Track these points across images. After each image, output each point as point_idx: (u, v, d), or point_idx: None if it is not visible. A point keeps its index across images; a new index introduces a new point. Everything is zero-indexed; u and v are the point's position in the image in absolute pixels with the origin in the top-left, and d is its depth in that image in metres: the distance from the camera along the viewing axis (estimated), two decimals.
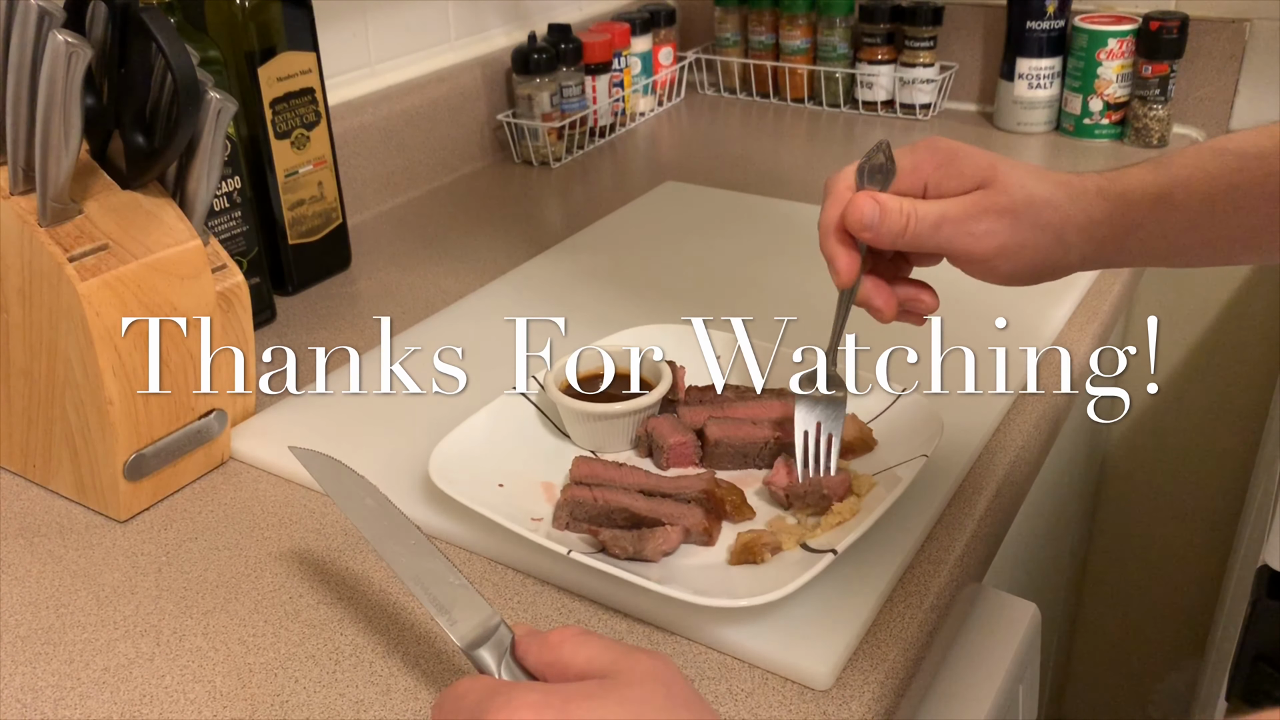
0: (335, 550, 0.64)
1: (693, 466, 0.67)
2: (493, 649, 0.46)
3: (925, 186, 0.57)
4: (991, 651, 0.72)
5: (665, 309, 0.86)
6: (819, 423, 0.62)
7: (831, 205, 0.57)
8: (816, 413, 0.63)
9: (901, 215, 0.55)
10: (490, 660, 0.46)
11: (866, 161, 0.57)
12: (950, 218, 0.56)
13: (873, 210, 0.55)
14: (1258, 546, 0.91)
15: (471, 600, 0.48)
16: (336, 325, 0.91)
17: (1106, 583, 1.57)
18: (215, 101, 0.64)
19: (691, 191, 1.15)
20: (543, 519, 0.62)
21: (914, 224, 0.56)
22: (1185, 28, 1.20)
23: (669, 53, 1.44)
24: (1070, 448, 1.15)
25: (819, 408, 0.63)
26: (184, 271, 0.66)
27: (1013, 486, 0.69)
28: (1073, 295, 0.88)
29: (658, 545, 0.58)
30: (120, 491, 0.65)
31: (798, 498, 0.61)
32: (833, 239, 0.57)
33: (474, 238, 1.07)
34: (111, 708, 0.53)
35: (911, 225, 0.55)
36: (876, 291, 0.59)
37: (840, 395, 0.63)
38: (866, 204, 0.56)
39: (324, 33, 0.96)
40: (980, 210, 0.56)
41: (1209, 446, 1.42)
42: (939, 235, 0.56)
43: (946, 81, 1.37)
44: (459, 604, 0.48)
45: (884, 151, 0.57)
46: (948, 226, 0.56)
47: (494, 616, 0.47)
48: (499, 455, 0.66)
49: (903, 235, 0.56)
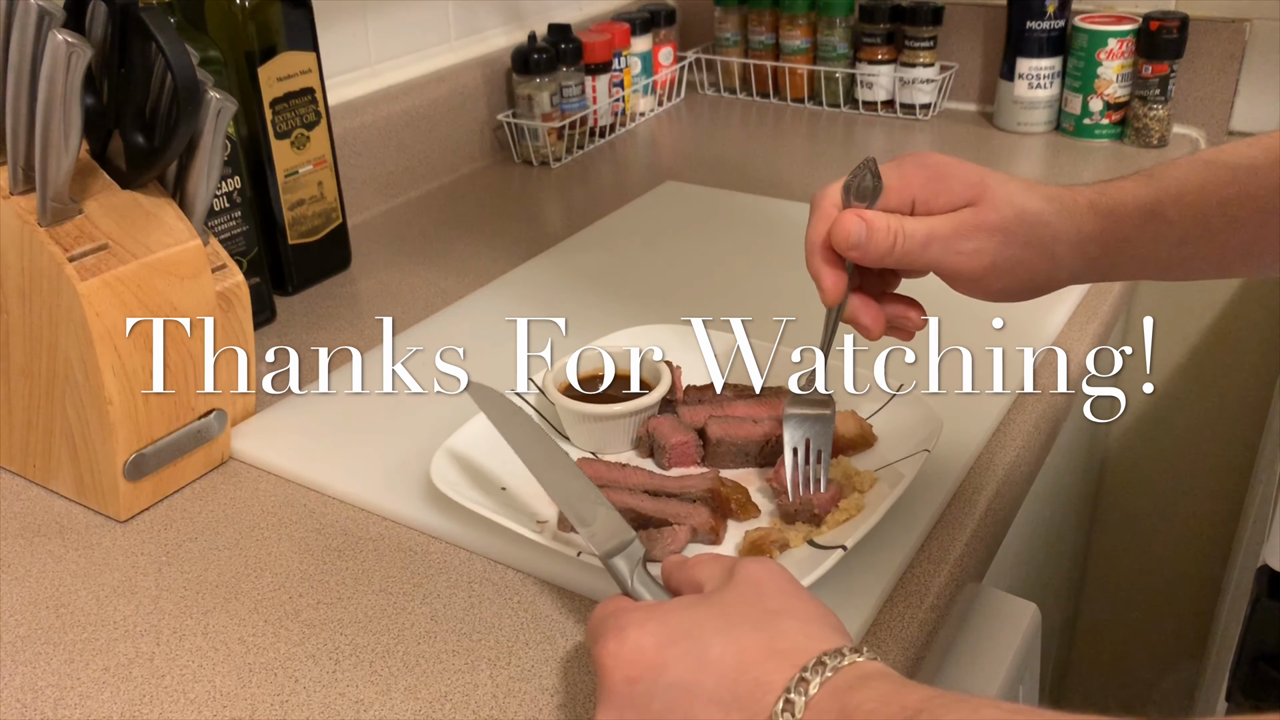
0: (335, 550, 0.64)
1: (694, 466, 0.67)
2: (626, 560, 0.52)
3: (913, 203, 0.56)
4: (991, 651, 0.72)
5: (665, 309, 0.86)
6: (808, 439, 0.62)
7: (818, 222, 0.57)
8: (805, 429, 0.62)
9: (889, 234, 0.55)
10: (624, 568, 0.52)
11: (853, 179, 0.56)
12: (938, 236, 0.55)
13: (859, 229, 0.55)
14: (1258, 546, 0.91)
15: (610, 517, 0.54)
16: (336, 325, 0.91)
17: (1106, 583, 1.57)
18: (215, 101, 0.64)
19: (691, 191, 1.15)
20: (547, 521, 0.62)
21: (901, 242, 0.55)
22: (1185, 28, 1.20)
23: (669, 53, 1.44)
24: (1070, 448, 1.15)
25: (806, 424, 0.62)
26: (184, 271, 0.66)
27: (1013, 486, 0.69)
28: (1072, 296, 0.88)
29: (666, 545, 0.58)
30: (120, 491, 0.65)
31: (788, 516, 0.61)
32: (819, 257, 0.56)
33: (474, 238, 1.07)
34: (111, 708, 0.53)
35: (899, 244, 0.55)
36: (864, 309, 0.58)
37: (828, 412, 0.62)
38: (853, 223, 0.55)
39: (324, 33, 0.96)
40: (969, 228, 0.55)
41: (1209, 446, 1.42)
42: (927, 254, 0.55)
43: (946, 81, 1.37)
44: (599, 519, 0.54)
45: (870, 169, 0.56)
46: (936, 245, 0.55)
47: (629, 531, 0.53)
48: (500, 458, 0.66)
49: (890, 254, 0.55)
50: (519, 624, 0.58)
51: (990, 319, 0.82)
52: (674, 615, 0.45)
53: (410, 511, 0.65)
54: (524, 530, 0.58)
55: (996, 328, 0.82)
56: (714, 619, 0.44)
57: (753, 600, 0.45)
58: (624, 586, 0.51)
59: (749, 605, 0.45)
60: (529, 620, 0.58)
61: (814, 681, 0.40)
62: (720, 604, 0.45)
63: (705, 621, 0.44)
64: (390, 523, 0.66)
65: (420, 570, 0.62)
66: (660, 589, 0.51)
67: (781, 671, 0.41)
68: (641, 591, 0.51)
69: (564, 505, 0.56)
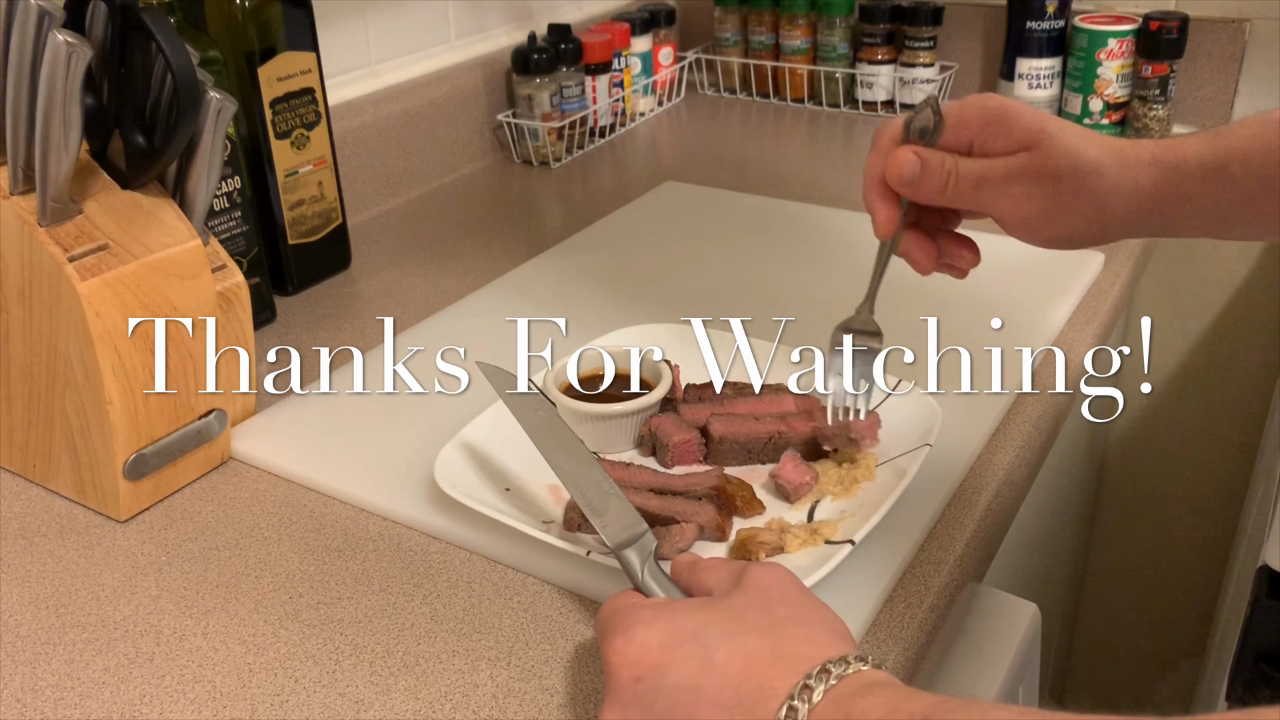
0: (335, 550, 0.64)
1: (697, 464, 0.67)
2: (637, 551, 0.52)
3: (971, 144, 0.57)
4: (991, 651, 0.72)
5: (665, 309, 0.86)
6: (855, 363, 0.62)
7: (875, 158, 0.58)
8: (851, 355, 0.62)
9: (943, 173, 0.56)
10: (635, 560, 0.52)
11: (915, 115, 0.57)
12: (991, 178, 0.56)
13: (913, 166, 0.56)
14: (1258, 546, 0.91)
15: (623, 508, 0.54)
16: (336, 325, 0.91)
17: (1106, 583, 1.57)
18: (215, 101, 0.64)
19: (691, 191, 1.15)
20: (553, 521, 0.62)
21: (954, 182, 0.56)
22: (1185, 28, 1.20)
23: (669, 53, 1.44)
24: (1070, 448, 1.15)
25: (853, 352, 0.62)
26: (184, 271, 0.66)
27: (1013, 486, 0.70)
28: (1072, 295, 0.88)
29: (674, 543, 0.58)
30: (120, 491, 0.65)
31: (826, 440, 0.62)
32: (874, 191, 0.58)
33: (474, 238, 1.07)
34: (111, 708, 0.53)
35: (951, 183, 0.56)
36: (916, 244, 0.59)
37: (876, 345, 0.62)
38: (908, 160, 0.56)
39: (324, 33, 0.96)
40: (1023, 173, 0.55)
41: (1209, 446, 1.42)
42: (979, 195, 0.56)
43: (946, 81, 1.37)
44: (611, 509, 0.54)
45: (932, 106, 0.56)
46: (988, 187, 0.56)
47: (641, 524, 0.53)
48: (504, 459, 0.66)
49: (943, 193, 0.56)
50: (519, 624, 0.58)
51: (990, 319, 0.83)
52: (682, 616, 0.45)
53: (410, 511, 0.65)
54: (533, 530, 0.58)
55: (995, 328, 0.82)
56: (721, 622, 0.44)
57: (761, 605, 0.45)
58: (635, 579, 0.52)
59: (757, 610, 0.45)
60: (529, 620, 0.58)
61: (818, 689, 0.40)
62: (728, 607, 0.45)
63: (712, 624, 0.44)
64: (390, 523, 0.66)
65: (420, 570, 0.62)
66: (671, 584, 0.52)
67: (786, 678, 0.41)
68: (652, 585, 0.51)
69: (576, 492, 0.55)
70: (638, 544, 0.52)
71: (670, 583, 0.52)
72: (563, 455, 0.57)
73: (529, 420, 0.59)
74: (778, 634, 0.44)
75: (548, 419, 0.59)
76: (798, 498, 0.63)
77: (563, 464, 0.57)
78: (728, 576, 0.49)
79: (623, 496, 0.55)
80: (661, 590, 0.51)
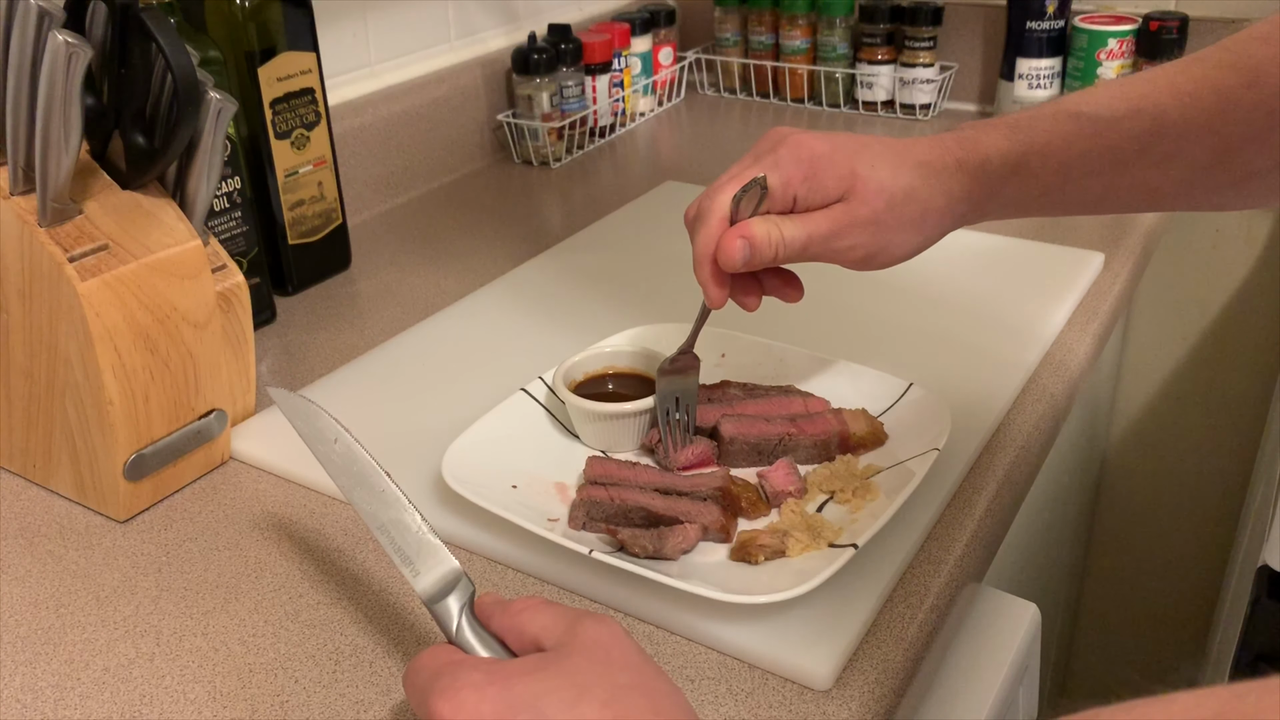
0: (335, 550, 0.64)
1: (706, 466, 0.67)
2: (454, 601, 0.48)
3: (795, 200, 0.59)
4: (991, 651, 0.72)
5: (665, 309, 0.86)
6: (677, 396, 0.67)
7: (705, 237, 0.59)
8: (674, 386, 0.67)
9: (770, 246, 0.58)
10: (453, 611, 0.47)
11: (743, 193, 0.58)
12: (816, 238, 0.59)
13: (743, 252, 0.58)
14: (1258, 546, 0.91)
15: (436, 553, 0.49)
16: (337, 325, 0.91)
17: (1106, 583, 1.57)
18: (215, 101, 0.64)
19: (692, 192, 1.15)
20: (559, 519, 0.62)
21: (783, 251, 0.59)
22: (1185, 28, 1.21)
23: (669, 53, 1.44)
24: (1070, 448, 1.15)
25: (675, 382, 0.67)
26: (184, 271, 0.66)
27: (1013, 486, 0.69)
28: (1072, 296, 0.88)
29: (677, 543, 0.58)
30: (120, 491, 0.65)
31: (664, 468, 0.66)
32: (705, 270, 0.60)
33: (474, 238, 1.07)
34: (111, 708, 0.53)
35: (781, 253, 0.59)
36: (743, 290, 0.63)
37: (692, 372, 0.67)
38: (736, 247, 0.58)
39: (324, 33, 0.96)
40: (844, 225, 0.58)
41: (1209, 446, 1.42)
42: (808, 255, 0.59)
43: (946, 82, 1.37)
44: (423, 556, 0.49)
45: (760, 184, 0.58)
46: (815, 246, 0.59)
47: (456, 570, 0.49)
48: (511, 457, 0.66)
49: (773, 262, 0.59)
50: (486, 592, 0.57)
51: (989, 318, 0.83)
52: (516, 682, 0.41)
53: None
54: (534, 528, 0.58)
55: (995, 328, 0.82)
56: (558, 690, 0.41)
57: (600, 670, 0.42)
58: (448, 633, 0.47)
59: (595, 676, 0.42)
60: None
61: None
62: (565, 673, 0.42)
63: (549, 693, 0.41)
64: None
65: None
66: (490, 637, 0.47)
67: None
68: (472, 641, 0.47)
69: (382, 536, 0.50)
70: (454, 593, 0.47)
71: (490, 636, 0.47)
72: (366, 494, 0.51)
73: (325, 454, 0.52)
74: (619, 705, 0.41)
75: (347, 452, 0.51)
76: (777, 503, 0.63)
77: (366, 504, 0.50)
78: (553, 625, 0.45)
79: (435, 539, 0.49)
80: (483, 646, 0.47)
